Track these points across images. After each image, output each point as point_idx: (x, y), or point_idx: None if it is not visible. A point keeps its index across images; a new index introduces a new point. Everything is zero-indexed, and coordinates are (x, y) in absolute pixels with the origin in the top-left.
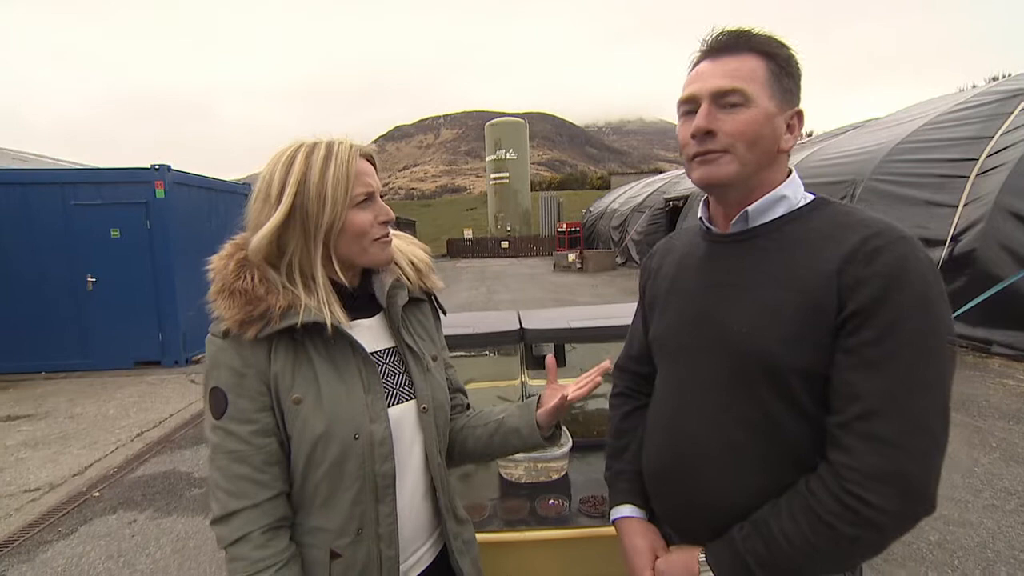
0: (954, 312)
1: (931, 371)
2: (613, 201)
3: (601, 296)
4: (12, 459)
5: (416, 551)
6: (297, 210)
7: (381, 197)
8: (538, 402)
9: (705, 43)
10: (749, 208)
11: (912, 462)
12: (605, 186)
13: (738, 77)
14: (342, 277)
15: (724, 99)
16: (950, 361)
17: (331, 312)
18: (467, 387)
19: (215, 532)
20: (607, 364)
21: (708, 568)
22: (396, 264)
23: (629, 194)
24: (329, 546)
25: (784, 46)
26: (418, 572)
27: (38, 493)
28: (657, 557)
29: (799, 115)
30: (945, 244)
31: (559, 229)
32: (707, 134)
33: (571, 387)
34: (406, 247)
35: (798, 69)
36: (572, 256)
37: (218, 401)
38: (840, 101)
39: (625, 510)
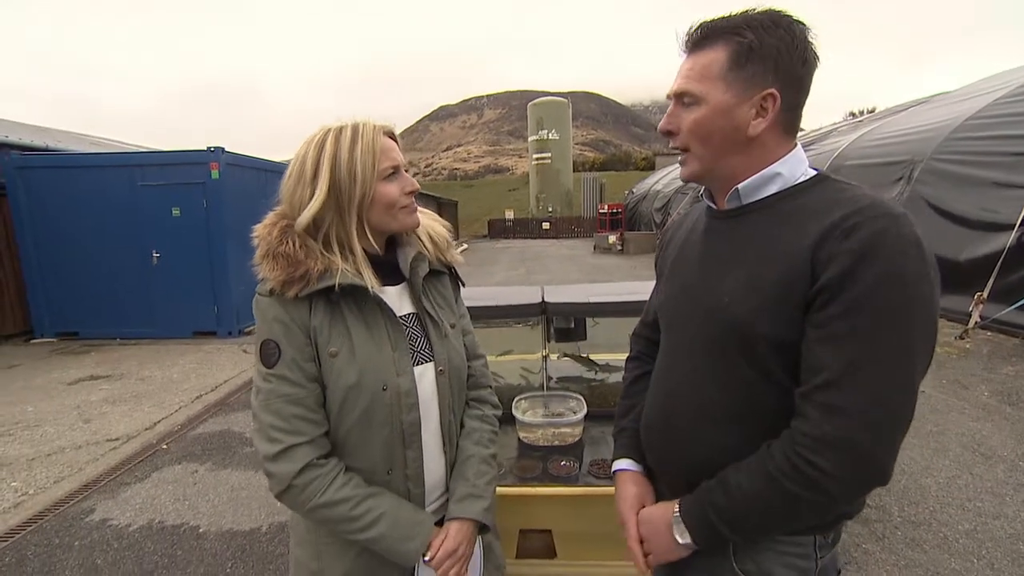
0: (1017, 303)
1: (895, 347)
2: (656, 182)
3: (639, 278)
4: (97, 412)
5: (435, 500)
6: (332, 188)
7: (405, 171)
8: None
9: (680, 41)
10: (739, 186)
11: (864, 432)
12: (649, 167)
13: (691, 77)
14: (375, 246)
15: (682, 99)
16: (924, 340)
17: (365, 276)
18: (491, 359)
19: (273, 469)
20: None
21: (681, 519)
22: (418, 238)
23: (673, 175)
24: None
25: (751, 27)
26: (436, 520)
27: (118, 443)
28: (643, 506)
29: (771, 96)
30: (1014, 228)
31: (600, 210)
32: (668, 134)
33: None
34: (426, 222)
35: (770, 47)
36: (613, 238)
37: (271, 351)
38: (916, 74)
39: (623, 463)
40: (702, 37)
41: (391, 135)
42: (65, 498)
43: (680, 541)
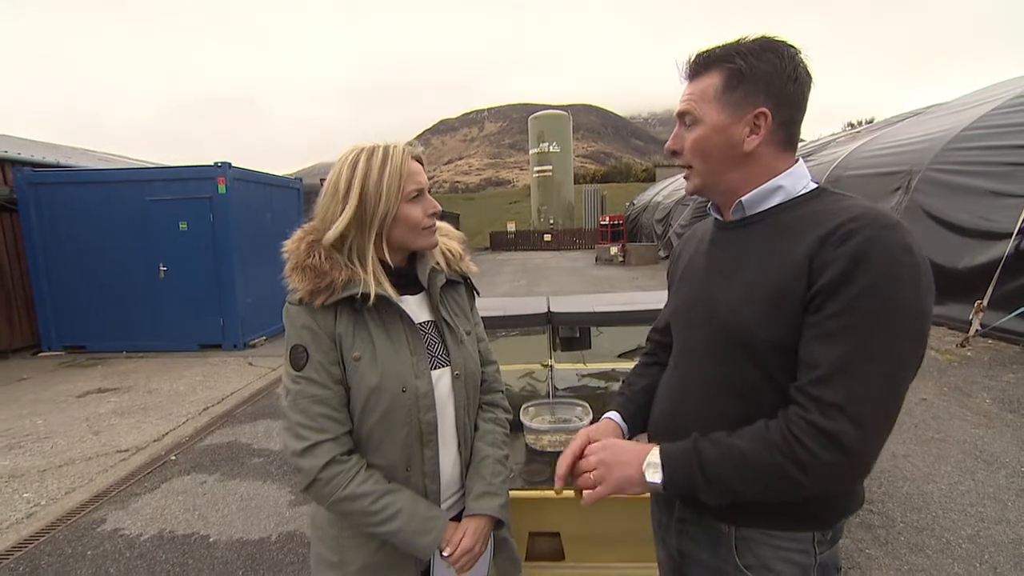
0: (1017, 311)
1: (884, 347)
2: (657, 194)
3: (641, 289)
4: (106, 424)
5: (450, 497)
6: (360, 204)
7: (428, 192)
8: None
9: (680, 69)
10: (743, 198)
11: (853, 427)
12: (650, 178)
13: (691, 99)
14: (388, 258)
15: (685, 119)
16: (913, 343)
17: (382, 286)
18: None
19: (301, 463)
20: None
21: (660, 456)
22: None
23: (673, 186)
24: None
25: (741, 54)
26: (451, 516)
27: (127, 454)
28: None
29: (762, 115)
30: (1011, 237)
31: (602, 222)
32: (674, 153)
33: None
34: (441, 240)
35: (760, 71)
36: (614, 249)
37: (299, 356)
38: (913, 84)
39: (609, 415)
40: (700, 65)
41: (419, 159)
42: (77, 509)
43: (648, 480)
